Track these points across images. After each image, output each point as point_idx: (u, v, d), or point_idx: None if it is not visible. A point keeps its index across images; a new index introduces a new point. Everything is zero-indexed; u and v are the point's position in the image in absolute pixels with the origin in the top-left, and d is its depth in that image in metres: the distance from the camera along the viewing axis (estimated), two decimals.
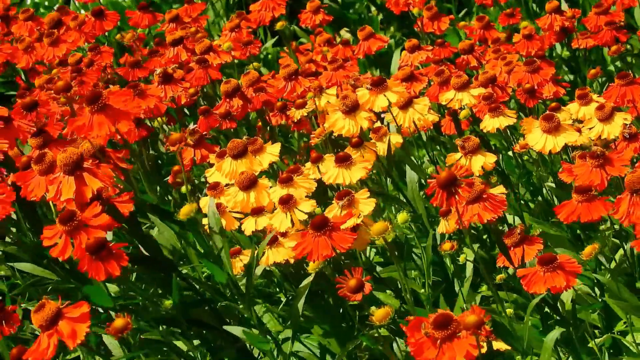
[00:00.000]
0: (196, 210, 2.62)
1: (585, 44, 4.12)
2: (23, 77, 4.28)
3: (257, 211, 2.70)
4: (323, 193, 2.98)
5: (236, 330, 2.65)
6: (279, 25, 4.19)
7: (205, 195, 2.87)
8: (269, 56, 4.79)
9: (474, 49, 3.94)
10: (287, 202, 2.62)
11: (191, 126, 3.20)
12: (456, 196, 2.40)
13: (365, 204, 2.64)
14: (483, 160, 2.83)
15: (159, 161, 3.71)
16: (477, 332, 1.97)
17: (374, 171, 3.19)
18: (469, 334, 1.97)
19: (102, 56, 3.95)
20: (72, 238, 2.35)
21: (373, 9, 5.29)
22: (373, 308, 2.38)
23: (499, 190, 2.55)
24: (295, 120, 3.44)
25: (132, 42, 4.21)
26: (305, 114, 3.35)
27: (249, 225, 2.66)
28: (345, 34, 5.05)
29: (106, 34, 4.56)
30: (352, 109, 2.95)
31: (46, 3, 5.59)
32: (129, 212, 2.46)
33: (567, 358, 2.68)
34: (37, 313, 2.16)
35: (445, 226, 2.82)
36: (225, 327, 2.65)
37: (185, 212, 2.62)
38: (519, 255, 2.64)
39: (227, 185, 2.83)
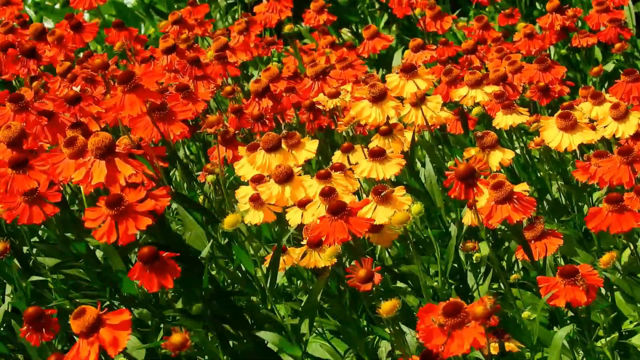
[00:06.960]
0: (241, 221, 2.51)
1: (586, 42, 4.15)
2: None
3: (304, 203, 2.63)
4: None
5: (267, 336, 2.60)
6: (287, 29, 4.19)
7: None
8: (273, 59, 4.78)
9: (477, 49, 3.94)
10: (329, 195, 2.56)
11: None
12: (474, 188, 2.38)
13: (402, 201, 2.59)
14: (501, 156, 2.82)
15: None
16: (485, 322, 1.99)
17: None
18: (477, 324, 1.98)
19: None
20: (118, 223, 2.27)
21: (377, 5, 5.30)
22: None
23: (522, 187, 2.51)
24: (327, 110, 3.39)
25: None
26: (339, 103, 3.30)
27: (295, 217, 2.61)
28: (346, 34, 5.05)
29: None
30: (379, 98, 2.92)
31: (47, 2, 5.56)
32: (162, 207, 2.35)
33: (581, 358, 2.67)
34: (77, 319, 2.05)
35: (471, 218, 2.79)
36: (257, 333, 2.60)
37: (230, 222, 2.49)
38: (540, 249, 2.62)
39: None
